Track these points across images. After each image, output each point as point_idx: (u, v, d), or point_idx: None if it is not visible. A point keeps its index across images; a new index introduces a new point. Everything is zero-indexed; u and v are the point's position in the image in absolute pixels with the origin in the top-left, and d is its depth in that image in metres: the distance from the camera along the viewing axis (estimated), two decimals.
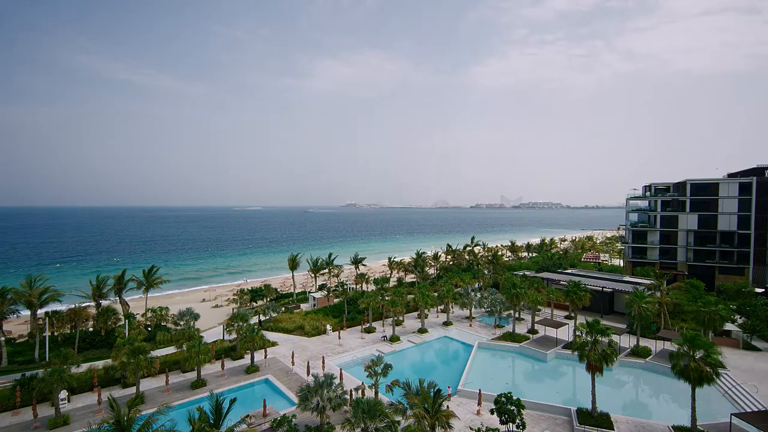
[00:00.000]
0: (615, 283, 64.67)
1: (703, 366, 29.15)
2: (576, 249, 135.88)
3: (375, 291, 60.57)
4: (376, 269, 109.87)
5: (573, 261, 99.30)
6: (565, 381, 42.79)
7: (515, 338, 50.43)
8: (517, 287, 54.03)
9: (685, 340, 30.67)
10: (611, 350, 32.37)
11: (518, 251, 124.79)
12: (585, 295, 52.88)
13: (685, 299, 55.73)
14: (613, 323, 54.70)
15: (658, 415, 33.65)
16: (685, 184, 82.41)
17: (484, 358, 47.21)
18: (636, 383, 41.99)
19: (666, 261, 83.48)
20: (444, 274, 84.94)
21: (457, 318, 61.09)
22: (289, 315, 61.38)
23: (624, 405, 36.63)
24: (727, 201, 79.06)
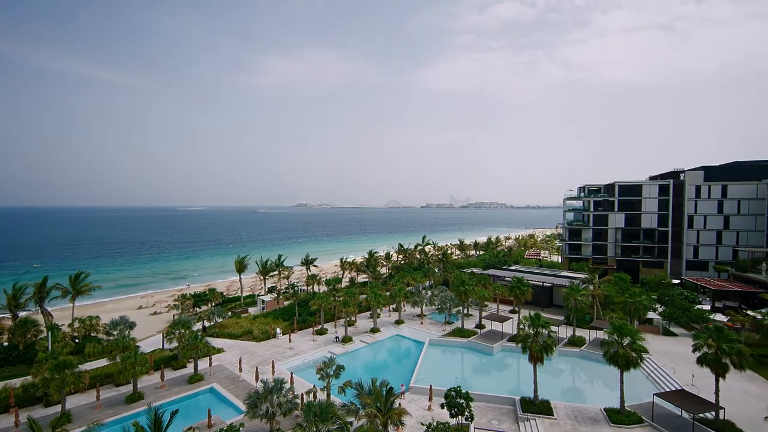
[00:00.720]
0: (554, 278, 69.08)
1: (630, 352, 31.94)
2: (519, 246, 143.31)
3: (327, 292, 59.89)
4: (328, 270, 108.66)
5: (516, 258, 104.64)
6: (509, 372, 44.95)
7: (464, 334, 52.16)
8: (465, 284, 55.92)
9: (614, 328, 33.45)
10: (551, 341, 34.49)
11: (466, 249, 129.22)
12: (527, 290, 55.96)
13: (614, 291, 60.77)
14: (552, 315, 58.36)
15: (592, 399, 36.42)
16: (614, 186, 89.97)
17: (435, 354, 48.32)
18: (573, 371, 45.12)
19: (598, 256, 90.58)
20: (396, 274, 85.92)
21: (409, 316, 62.02)
22: (237, 320, 58.93)
23: (562, 391, 39.20)
24: (649, 201, 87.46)
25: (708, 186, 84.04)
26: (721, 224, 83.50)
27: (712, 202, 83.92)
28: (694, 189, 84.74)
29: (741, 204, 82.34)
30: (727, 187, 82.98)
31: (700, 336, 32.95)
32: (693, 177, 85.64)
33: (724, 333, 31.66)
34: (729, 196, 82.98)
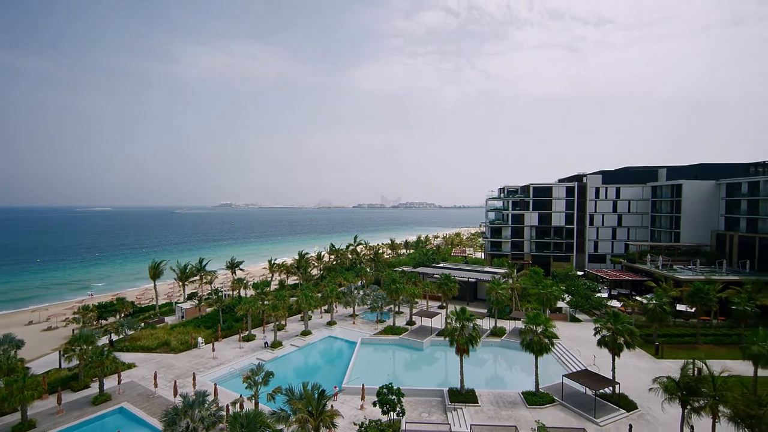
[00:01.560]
0: (478, 274, 73.38)
1: (543, 339, 35.04)
2: (447, 245, 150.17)
3: (254, 296, 57.18)
4: (255, 273, 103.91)
5: (444, 256, 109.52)
6: (439, 365, 46.76)
7: (395, 331, 53.17)
8: (396, 283, 57.08)
9: (530, 318, 36.49)
10: (475, 333, 36.53)
11: (397, 249, 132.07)
12: (454, 286, 58.72)
13: (530, 284, 66.25)
14: (476, 309, 61.89)
15: (512, 385, 39.29)
16: (529, 188, 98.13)
17: (367, 353, 48.58)
18: (495, 359, 48.30)
19: (516, 252, 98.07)
20: (328, 274, 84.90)
21: (341, 317, 61.64)
22: (151, 331, 53.77)
23: (486, 379, 41.79)
24: (558, 201, 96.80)
25: (605, 188, 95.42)
26: (615, 222, 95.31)
27: (609, 202, 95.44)
28: (594, 190, 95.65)
29: (631, 204, 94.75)
30: (620, 189, 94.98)
31: (600, 321, 37.29)
32: (593, 180, 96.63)
33: (619, 317, 36.12)
34: (621, 197, 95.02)
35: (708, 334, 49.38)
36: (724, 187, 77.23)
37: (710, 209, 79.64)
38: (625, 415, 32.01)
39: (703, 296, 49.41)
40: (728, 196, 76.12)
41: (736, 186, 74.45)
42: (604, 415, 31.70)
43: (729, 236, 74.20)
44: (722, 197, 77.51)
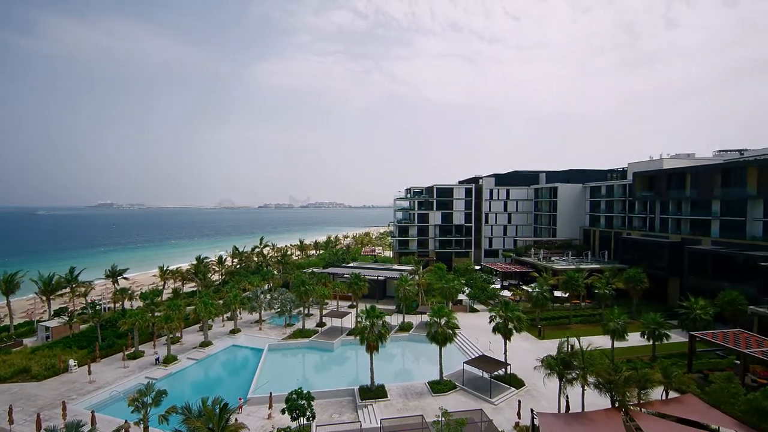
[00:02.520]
0: (387, 272, 75.51)
1: (446, 330, 37.40)
2: (357, 244, 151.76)
3: (143, 307, 50.86)
4: (144, 282, 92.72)
5: (354, 255, 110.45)
6: (350, 364, 46.91)
7: (305, 334, 51.96)
8: (306, 284, 55.81)
9: (434, 312, 38.68)
10: (385, 330, 37.47)
11: (307, 249, 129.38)
12: (364, 285, 59.49)
13: (435, 279, 70.27)
14: (386, 306, 63.53)
15: (419, 376, 41.07)
16: (433, 188, 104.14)
17: (275, 359, 46.62)
18: (403, 353, 50.13)
19: (422, 250, 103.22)
20: (231, 279, 79.43)
21: (247, 324, 58.19)
22: (4, 357, 44.43)
23: (395, 374, 43.10)
24: (458, 201, 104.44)
25: (498, 189, 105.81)
26: (506, 220, 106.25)
27: (500, 202, 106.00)
28: (488, 192, 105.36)
29: (518, 204, 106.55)
30: (510, 190, 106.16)
31: (494, 309, 41.04)
32: (488, 182, 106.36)
33: (509, 305, 40.22)
34: (511, 197, 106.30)
35: (578, 315, 57.73)
36: (588, 190, 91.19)
37: (579, 208, 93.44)
38: (515, 392, 35.80)
39: (574, 283, 57.64)
40: (591, 198, 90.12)
41: (597, 189, 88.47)
42: (498, 395, 35.06)
43: (592, 231, 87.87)
44: (587, 198, 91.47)
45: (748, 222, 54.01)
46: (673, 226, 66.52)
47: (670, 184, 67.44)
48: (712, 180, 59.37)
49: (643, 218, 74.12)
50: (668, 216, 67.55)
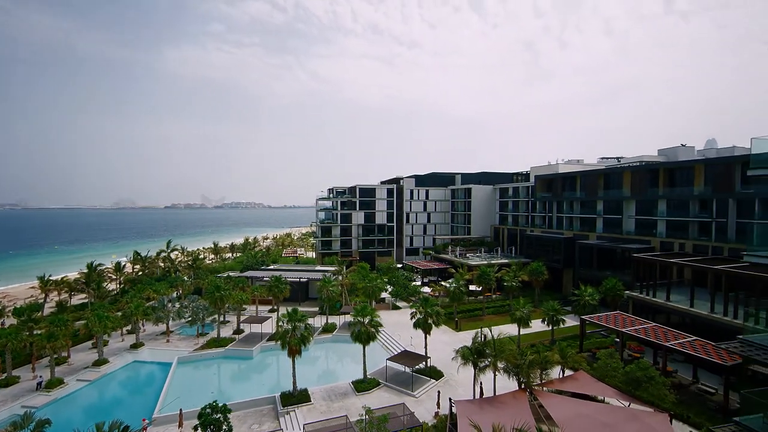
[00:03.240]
0: (309, 273, 73.94)
1: (370, 328, 37.75)
2: (277, 246, 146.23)
3: (17, 325, 43.22)
4: (19, 295, 78.85)
5: (275, 257, 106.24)
6: (270, 371, 44.99)
7: (221, 343, 48.64)
8: (221, 290, 52.23)
9: (358, 311, 38.83)
10: (307, 332, 36.59)
11: (222, 252, 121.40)
12: (285, 288, 57.57)
13: (358, 279, 70.59)
14: (308, 308, 62.23)
15: (343, 377, 40.81)
16: (356, 188, 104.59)
17: (186, 372, 42.87)
18: (327, 355, 49.48)
19: (345, 250, 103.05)
20: (131, 288, 71.18)
21: (151, 336, 52.69)
22: None
23: (319, 376, 42.35)
24: (381, 201, 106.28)
25: (418, 190, 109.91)
26: (426, 219, 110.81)
27: (420, 202, 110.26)
28: (409, 192, 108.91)
29: (437, 204, 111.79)
30: (429, 191, 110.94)
31: (415, 306, 42.51)
32: (408, 183, 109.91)
33: (429, 301, 41.95)
34: (430, 198, 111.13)
35: (490, 306, 62.34)
36: (498, 191, 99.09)
37: (490, 208, 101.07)
38: (435, 383, 37.45)
39: (486, 277, 62.13)
40: (500, 198, 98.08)
41: (505, 190, 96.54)
42: (419, 387, 36.35)
43: (502, 229, 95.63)
44: (497, 199, 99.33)
45: (624, 219, 63.24)
46: (567, 224, 75.27)
47: (564, 186, 76.20)
48: (597, 183, 68.41)
49: (543, 217, 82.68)
50: (563, 214, 76.28)
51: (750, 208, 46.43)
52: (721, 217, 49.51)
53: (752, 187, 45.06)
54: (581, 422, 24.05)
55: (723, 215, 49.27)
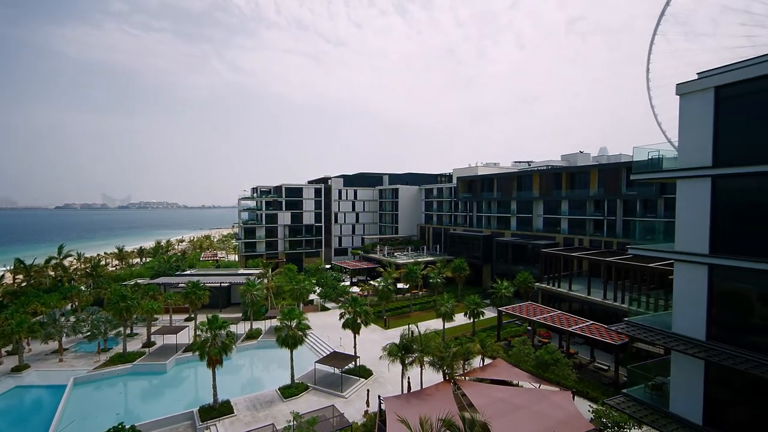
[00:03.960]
0: (231, 277, 69.75)
1: (297, 332, 36.74)
2: (195, 249, 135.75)
3: None
4: None
5: (192, 262, 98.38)
6: (188, 385, 41.64)
7: (128, 358, 43.76)
8: (127, 299, 46.91)
9: (284, 314, 37.57)
10: (229, 340, 34.47)
11: (128, 258, 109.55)
12: (204, 294, 53.64)
13: (285, 281, 68.31)
14: (231, 315, 58.73)
15: (269, 384, 39.16)
16: (282, 188, 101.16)
17: (85, 394, 37.84)
18: (251, 363, 47.12)
19: (271, 252, 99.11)
20: (12, 302, 60.91)
21: (39, 356, 45.64)
22: None
23: (243, 386, 40.14)
24: (308, 201, 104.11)
25: (346, 190, 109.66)
26: (354, 219, 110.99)
27: (349, 202, 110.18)
28: (337, 192, 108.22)
29: (365, 204, 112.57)
30: (357, 191, 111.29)
31: (344, 306, 42.34)
32: (336, 182, 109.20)
33: (357, 301, 42.06)
34: (358, 198, 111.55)
35: (417, 303, 64.37)
36: (423, 191, 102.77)
37: (416, 208, 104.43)
38: (364, 382, 37.63)
39: (413, 275, 64.05)
40: (426, 198, 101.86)
41: (430, 191, 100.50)
42: (348, 388, 36.23)
43: (427, 228, 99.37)
44: (423, 199, 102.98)
45: (534, 218, 69.50)
46: (486, 222, 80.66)
47: (483, 187, 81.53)
48: (511, 185, 74.30)
49: (465, 216, 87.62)
50: (482, 214, 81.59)
51: (633, 208, 54.04)
52: (611, 215, 56.85)
53: (635, 189, 52.46)
54: (498, 406, 25.86)
55: (612, 214, 56.66)
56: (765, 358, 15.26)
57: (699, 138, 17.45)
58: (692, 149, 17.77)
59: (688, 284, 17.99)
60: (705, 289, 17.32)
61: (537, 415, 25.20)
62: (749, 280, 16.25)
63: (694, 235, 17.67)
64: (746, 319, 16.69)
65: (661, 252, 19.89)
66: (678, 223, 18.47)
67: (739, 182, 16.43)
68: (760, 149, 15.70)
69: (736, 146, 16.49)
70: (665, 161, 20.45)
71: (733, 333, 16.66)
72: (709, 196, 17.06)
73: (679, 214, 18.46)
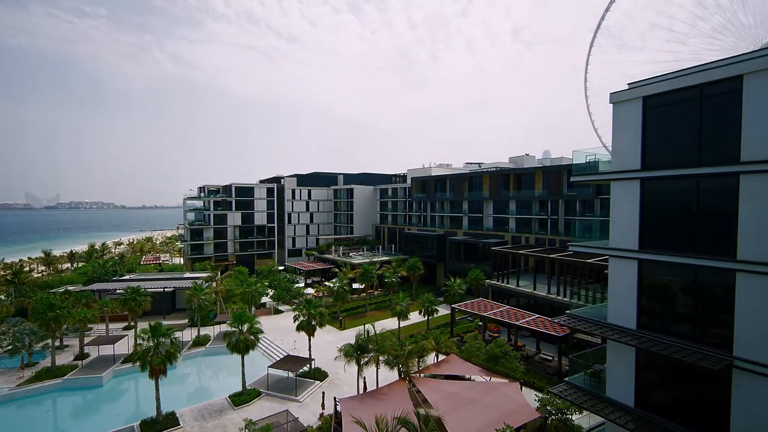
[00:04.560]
0: (176, 282, 65.92)
1: (249, 336, 35.47)
2: (134, 252, 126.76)
3: None
4: None
5: (131, 266, 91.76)
6: (128, 398, 38.80)
7: (57, 372, 39.92)
8: (56, 308, 42.76)
9: (235, 318, 36.11)
10: (174, 348, 32.52)
11: (57, 263, 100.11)
12: (145, 300, 50.13)
13: (235, 284, 65.69)
14: (176, 321, 55.55)
15: (219, 392, 37.42)
16: (231, 187, 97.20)
17: (5, 416, 34.07)
18: (199, 371, 44.81)
19: (220, 254, 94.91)
20: None
21: None
22: None
23: (190, 395, 38.05)
24: (260, 201, 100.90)
25: (300, 190, 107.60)
26: (309, 219, 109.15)
27: (303, 202, 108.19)
28: (290, 192, 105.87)
29: (320, 204, 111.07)
30: (311, 191, 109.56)
31: (298, 308, 41.44)
32: (290, 182, 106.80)
33: (312, 303, 41.36)
34: (312, 197, 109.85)
35: (372, 303, 64.53)
36: (378, 191, 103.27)
37: (371, 208, 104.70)
38: (319, 385, 37.09)
39: (369, 275, 64.16)
40: (381, 198, 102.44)
41: (385, 191, 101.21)
42: (303, 391, 35.52)
43: (382, 228, 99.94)
44: (377, 199, 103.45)
45: (484, 217, 72.19)
46: (439, 222, 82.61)
47: (436, 187, 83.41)
48: (463, 185, 76.66)
49: (419, 216, 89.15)
50: (436, 213, 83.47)
51: (574, 207, 57.79)
52: (554, 214, 60.40)
53: (575, 190, 56.11)
54: (452, 400, 26.59)
55: (555, 213, 60.23)
56: (686, 344, 16.91)
57: (629, 143, 18.99)
58: (624, 153, 19.31)
59: (620, 278, 19.52)
60: (635, 282, 18.89)
61: (488, 406, 26.19)
62: (672, 273, 17.93)
63: (625, 232, 19.22)
64: (670, 308, 18.40)
65: (598, 249, 21.43)
66: (612, 221, 20.00)
67: (662, 184, 18.08)
68: (681, 154, 17.39)
69: (661, 151, 18.14)
70: (601, 164, 22.07)
71: (660, 321, 18.31)
72: (638, 196, 18.63)
73: (613, 214, 19.98)
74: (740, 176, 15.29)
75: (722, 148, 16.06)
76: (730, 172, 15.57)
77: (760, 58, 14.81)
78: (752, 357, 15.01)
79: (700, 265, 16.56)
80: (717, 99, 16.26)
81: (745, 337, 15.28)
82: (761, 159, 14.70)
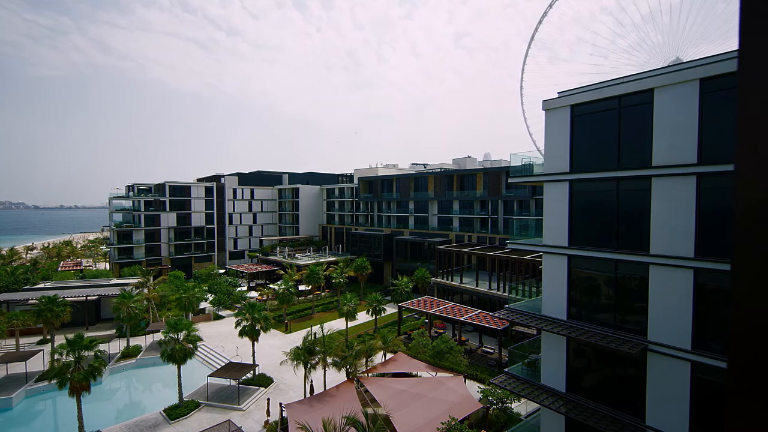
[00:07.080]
0: (101, 289, 60.10)
1: (186, 345, 33.35)
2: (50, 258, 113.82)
3: None
4: None
5: (46, 273, 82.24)
6: (43, 420, 34.78)
7: None
8: None
9: (170, 326, 33.78)
10: (99, 362, 29.70)
11: None
12: (64, 310, 45.13)
13: (170, 290, 61.43)
14: (101, 332, 50.79)
15: (152, 406, 34.73)
16: (165, 186, 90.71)
17: None
18: (129, 385, 41.30)
19: (152, 258, 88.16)
20: None
21: None
22: None
23: (119, 412, 34.93)
24: (197, 201, 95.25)
25: (242, 189, 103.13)
26: (251, 220, 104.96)
27: (245, 202, 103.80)
28: (232, 191, 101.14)
29: (263, 204, 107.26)
30: (254, 190, 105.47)
31: (240, 313, 39.72)
32: (230, 181, 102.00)
33: (255, 307, 39.84)
34: (255, 197, 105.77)
35: (319, 304, 63.58)
36: (325, 191, 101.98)
37: (318, 208, 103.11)
38: (264, 391, 35.81)
39: (315, 276, 63.10)
40: (327, 198, 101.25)
41: (332, 191, 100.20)
42: (246, 399, 34.07)
43: (329, 228, 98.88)
44: (324, 199, 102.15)
45: (429, 217, 74.11)
46: (386, 221, 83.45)
47: (383, 188, 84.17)
48: (409, 186, 78.11)
49: (366, 216, 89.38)
50: (383, 213, 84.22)
51: (512, 207, 61.19)
52: (494, 213, 63.54)
53: (513, 191, 59.46)
54: (399, 398, 26.98)
55: (495, 212, 63.40)
56: (608, 331, 18.59)
57: (559, 147, 20.50)
58: (555, 157, 20.80)
59: (553, 273, 21.00)
60: (565, 276, 20.42)
61: (434, 401, 26.92)
62: (596, 267, 19.62)
63: (556, 230, 20.71)
64: (595, 300, 20.13)
65: (533, 246, 22.88)
66: (545, 220, 21.45)
67: (588, 186, 19.74)
68: (603, 158, 19.09)
69: (587, 155, 19.79)
70: (535, 167, 23.61)
71: (587, 312, 19.96)
72: (567, 197, 20.16)
73: (546, 213, 21.44)
74: (652, 179, 17.11)
75: (638, 153, 17.88)
76: (644, 176, 17.37)
77: (668, 74, 16.70)
78: (662, 340, 16.87)
79: (620, 259, 18.29)
80: (633, 109, 18.05)
81: (656, 323, 17.13)
82: (669, 164, 16.57)
